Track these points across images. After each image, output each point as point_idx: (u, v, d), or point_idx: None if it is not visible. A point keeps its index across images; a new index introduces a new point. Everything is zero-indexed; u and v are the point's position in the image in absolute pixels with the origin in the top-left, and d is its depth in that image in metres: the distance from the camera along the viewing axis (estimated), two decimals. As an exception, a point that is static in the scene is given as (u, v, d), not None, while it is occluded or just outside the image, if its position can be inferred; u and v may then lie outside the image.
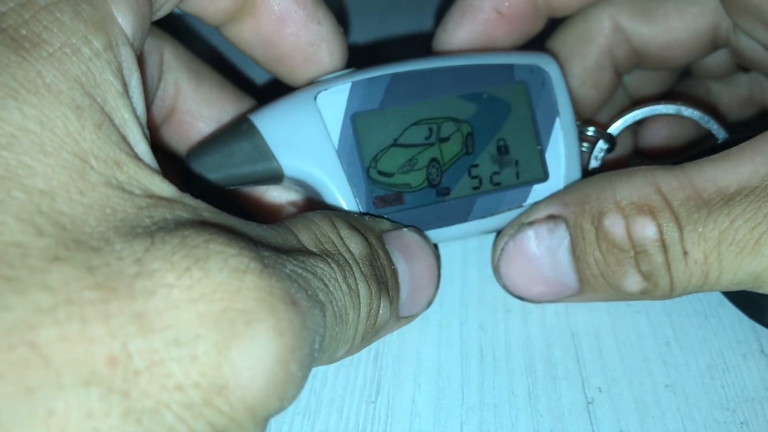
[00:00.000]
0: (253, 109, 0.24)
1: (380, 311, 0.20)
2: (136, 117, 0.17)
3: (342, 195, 0.23)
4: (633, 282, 0.22)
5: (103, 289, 0.13)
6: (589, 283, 0.23)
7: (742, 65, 0.29)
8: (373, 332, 0.21)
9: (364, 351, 0.24)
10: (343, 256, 0.19)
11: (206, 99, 0.26)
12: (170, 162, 0.28)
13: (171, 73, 0.25)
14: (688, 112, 0.27)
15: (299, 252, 0.18)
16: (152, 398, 0.13)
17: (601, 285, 0.23)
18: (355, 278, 0.19)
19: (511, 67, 0.25)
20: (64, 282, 0.13)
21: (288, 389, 0.15)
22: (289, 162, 0.23)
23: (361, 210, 0.24)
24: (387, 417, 0.22)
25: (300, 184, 0.24)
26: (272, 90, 0.25)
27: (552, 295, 0.24)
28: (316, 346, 0.16)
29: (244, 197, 0.27)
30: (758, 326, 0.25)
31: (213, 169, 0.23)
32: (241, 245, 0.15)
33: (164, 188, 0.16)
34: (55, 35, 0.16)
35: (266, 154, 0.23)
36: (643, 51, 0.28)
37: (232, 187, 0.24)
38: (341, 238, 0.20)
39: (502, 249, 0.24)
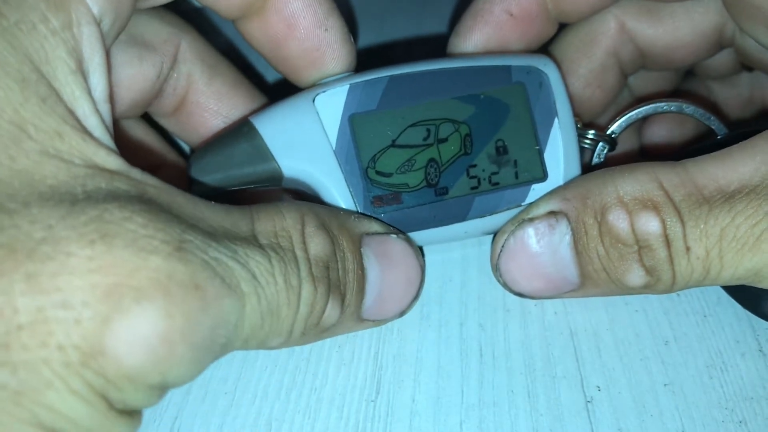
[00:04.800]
0: (260, 109, 0.24)
1: (326, 312, 0.20)
2: (89, 93, 0.18)
3: (340, 195, 0.24)
4: (636, 276, 0.22)
5: (3, 249, 0.15)
6: (591, 278, 0.23)
7: (747, 65, 0.29)
8: (317, 330, 0.21)
9: (364, 350, 0.24)
10: (294, 253, 0.20)
11: (217, 93, 0.27)
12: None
13: (185, 64, 0.26)
14: (689, 109, 0.27)
15: (240, 240, 0.18)
16: (32, 353, 0.14)
17: (603, 280, 0.23)
18: (300, 277, 0.19)
19: (508, 68, 0.25)
20: None
21: (171, 367, 0.16)
22: (288, 163, 0.23)
23: (358, 210, 0.24)
24: (387, 416, 0.22)
25: (299, 184, 0.24)
26: (290, 88, 0.26)
27: (552, 291, 0.25)
28: (220, 332, 0.17)
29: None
30: (757, 325, 0.25)
31: (214, 170, 0.23)
32: (158, 227, 0.16)
33: (109, 161, 0.17)
34: (12, 10, 0.16)
35: (266, 155, 0.23)
36: (648, 52, 0.28)
37: (232, 189, 0.24)
38: (302, 236, 0.20)
39: (502, 246, 0.24)
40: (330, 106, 0.24)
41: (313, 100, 0.24)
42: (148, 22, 0.24)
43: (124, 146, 0.19)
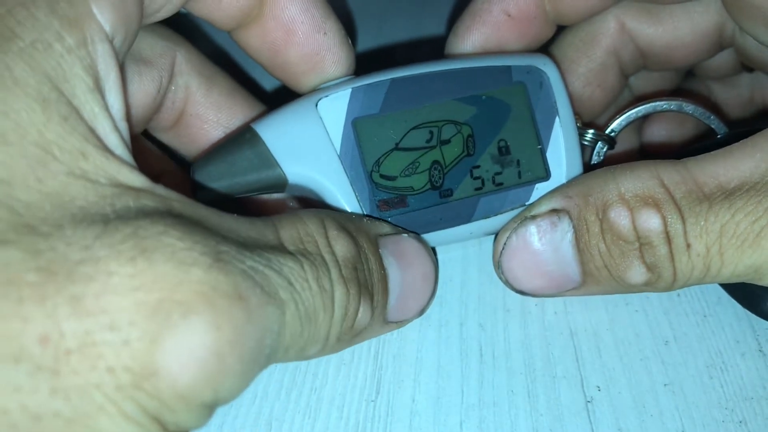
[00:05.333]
0: (260, 116, 0.24)
1: (359, 314, 0.21)
2: (108, 111, 0.17)
3: (345, 199, 0.24)
4: (637, 274, 0.22)
5: (43, 272, 0.14)
6: (593, 276, 0.23)
7: (748, 65, 0.29)
8: (351, 334, 0.21)
9: (365, 350, 0.24)
10: (323, 257, 0.19)
11: (216, 104, 0.26)
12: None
13: (182, 77, 0.26)
14: (689, 108, 0.27)
15: (270, 248, 0.18)
16: (82, 377, 0.14)
17: (605, 277, 0.23)
18: (331, 280, 0.19)
19: (508, 68, 0.25)
20: (6, 263, 0.14)
21: (223, 381, 0.16)
22: (293, 169, 0.23)
23: (365, 214, 0.24)
24: (387, 416, 0.22)
25: (304, 190, 0.24)
26: (287, 94, 0.26)
27: (554, 289, 0.25)
28: (267, 342, 0.17)
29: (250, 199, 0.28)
30: (756, 325, 0.25)
31: (217, 178, 0.23)
32: (195, 239, 0.16)
33: (133, 178, 0.17)
34: (27, 31, 0.16)
35: (269, 161, 0.23)
36: (648, 51, 0.28)
37: (237, 196, 0.24)
38: (327, 239, 0.20)
39: (505, 244, 0.24)
40: (333, 111, 0.24)
41: (316, 105, 0.24)
42: (143, 37, 0.24)
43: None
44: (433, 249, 0.25)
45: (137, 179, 0.17)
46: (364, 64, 0.26)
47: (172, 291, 0.15)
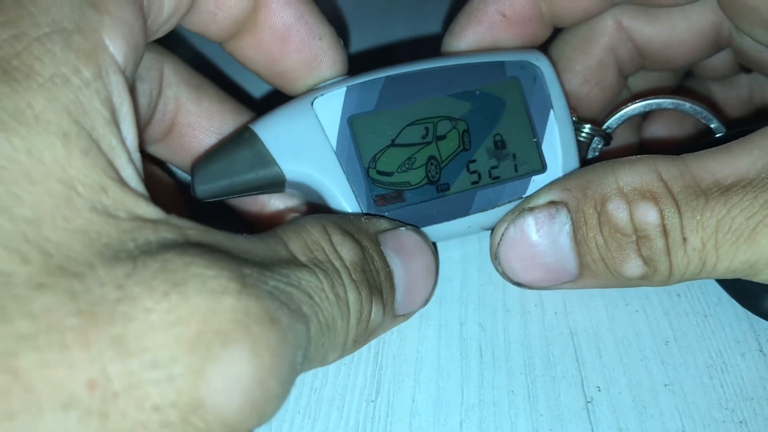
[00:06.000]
0: (252, 120, 0.25)
1: (372, 315, 0.21)
2: (123, 143, 0.17)
3: (343, 196, 0.24)
4: (634, 267, 0.22)
5: (83, 315, 0.14)
6: (589, 268, 0.24)
7: (745, 65, 0.29)
8: (365, 335, 0.21)
9: (364, 350, 0.24)
10: (333, 264, 0.20)
11: (206, 112, 0.26)
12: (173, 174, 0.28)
13: (171, 88, 0.26)
14: (687, 106, 0.27)
15: (285, 264, 0.18)
16: (131, 419, 0.14)
17: (602, 270, 0.23)
18: (344, 286, 0.19)
19: (502, 64, 0.26)
20: (47, 309, 0.14)
21: (267, 406, 0.16)
22: (290, 167, 0.23)
23: (362, 209, 0.24)
24: (387, 416, 0.22)
25: (302, 188, 0.24)
26: (273, 101, 0.26)
27: (550, 281, 0.25)
28: (298, 360, 0.17)
29: (246, 209, 0.28)
30: (757, 326, 0.25)
31: (217, 178, 0.23)
32: (221, 266, 0.16)
33: (149, 210, 0.17)
34: (45, 66, 0.16)
35: (268, 160, 0.23)
36: (645, 50, 0.28)
37: (235, 196, 0.24)
38: (332, 245, 0.20)
39: (502, 235, 0.25)
40: (329, 109, 0.24)
41: (312, 104, 0.24)
42: None
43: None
44: (434, 245, 0.25)
45: (153, 211, 0.17)
46: (364, 64, 0.26)
47: (209, 322, 0.15)
